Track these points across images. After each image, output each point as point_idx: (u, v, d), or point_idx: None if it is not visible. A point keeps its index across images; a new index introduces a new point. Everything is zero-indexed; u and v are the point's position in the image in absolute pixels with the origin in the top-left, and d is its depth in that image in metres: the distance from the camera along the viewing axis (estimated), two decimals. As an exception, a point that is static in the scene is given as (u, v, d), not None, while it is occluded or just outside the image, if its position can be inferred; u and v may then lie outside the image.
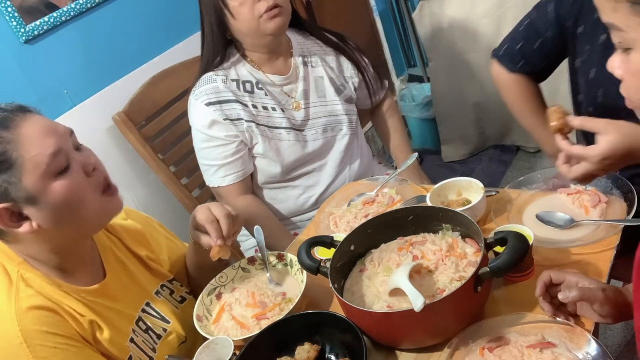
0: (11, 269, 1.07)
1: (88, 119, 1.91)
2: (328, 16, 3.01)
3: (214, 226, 1.22)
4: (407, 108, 3.20)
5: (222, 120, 1.64)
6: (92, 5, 1.94)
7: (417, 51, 3.36)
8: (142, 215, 1.41)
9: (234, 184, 1.71)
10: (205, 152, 1.70)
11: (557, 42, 1.42)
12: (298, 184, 1.79)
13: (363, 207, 1.50)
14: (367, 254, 1.26)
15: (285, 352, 1.13)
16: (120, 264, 1.24)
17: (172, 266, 1.38)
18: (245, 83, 1.69)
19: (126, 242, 1.29)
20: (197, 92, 1.66)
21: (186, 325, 1.28)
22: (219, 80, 1.65)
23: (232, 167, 1.69)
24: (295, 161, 1.74)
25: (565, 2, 1.36)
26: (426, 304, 0.96)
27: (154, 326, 1.23)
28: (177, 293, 1.33)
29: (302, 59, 1.75)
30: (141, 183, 2.06)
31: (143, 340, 1.19)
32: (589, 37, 1.34)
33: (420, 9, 2.84)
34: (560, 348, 0.95)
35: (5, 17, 1.73)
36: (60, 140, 1.04)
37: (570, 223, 1.21)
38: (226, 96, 1.65)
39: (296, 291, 1.27)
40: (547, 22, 1.41)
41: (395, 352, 1.09)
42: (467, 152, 3.11)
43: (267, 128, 1.69)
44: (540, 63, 1.49)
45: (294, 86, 1.73)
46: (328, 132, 1.76)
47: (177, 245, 1.43)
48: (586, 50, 1.36)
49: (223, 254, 1.23)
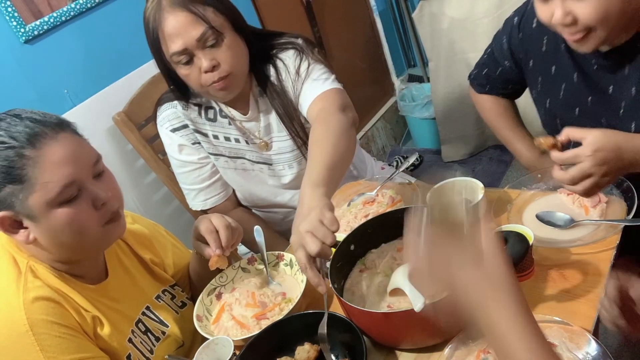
0: (21, 260, 1.10)
1: (88, 119, 1.91)
2: (328, 16, 3.01)
3: (213, 237, 1.24)
4: (407, 108, 3.20)
5: (190, 144, 1.60)
6: (92, 5, 1.94)
7: (417, 51, 3.37)
8: (148, 221, 1.42)
9: (218, 205, 1.68)
10: (182, 177, 1.66)
11: (516, 71, 1.47)
12: (277, 210, 1.75)
13: (363, 207, 1.50)
14: (367, 254, 1.26)
15: (285, 352, 1.13)
16: (123, 267, 1.25)
17: (176, 272, 1.39)
18: (208, 109, 1.59)
19: (132, 246, 1.30)
20: (160, 118, 1.61)
21: (185, 330, 1.29)
22: (179, 107, 1.57)
23: (212, 189, 1.66)
24: (267, 193, 1.68)
25: (515, 37, 1.41)
26: (426, 304, 0.96)
27: (153, 329, 1.24)
28: (178, 298, 1.34)
29: (260, 92, 1.56)
30: (141, 183, 2.06)
31: (141, 341, 1.20)
32: (540, 69, 1.38)
33: (420, 9, 2.84)
34: (560, 348, 0.95)
35: (5, 17, 1.73)
36: (77, 172, 1.04)
37: (570, 223, 1.21)
38: (185, 123, 1.58)
39: (296, 291, 1.27)
40: (503, 53, 1.46)
41: (395, 352, 1.09)
42: (467, 152, 3.11)
43: (230, 159, 1.62)
44: (504, 86, 1.56)
45: (256, 124, 1.59)
46: (303, 164, 1.60)
47: (182, 251, 1.44)
48: (539, 82, 1.40)
49: (221, 264, 1.25)
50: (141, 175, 2.05)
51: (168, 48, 1.40)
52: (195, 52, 1.39)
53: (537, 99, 1.45)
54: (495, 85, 1.56)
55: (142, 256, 1.30)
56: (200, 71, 1.40)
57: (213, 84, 1.42)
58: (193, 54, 1.39)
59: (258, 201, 1.71)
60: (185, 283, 1.42)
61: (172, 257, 1.39)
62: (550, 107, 1.39)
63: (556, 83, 1.35)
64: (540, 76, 1.39)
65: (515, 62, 1.45)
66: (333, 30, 3.03)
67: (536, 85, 1.42)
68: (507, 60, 1.46)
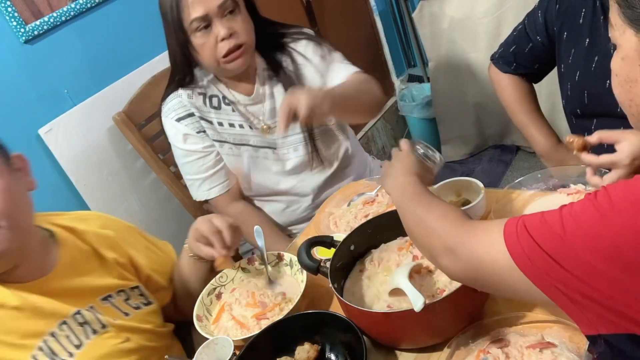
0: None
1: (88, 119, 1.91)
2: (328, 16, 3.01)
3: (217, 237, 1.24)
4: (407, 108, 3.20)
5: (195, 133, 1.62)
6: (92, 5, 1.94)
7: (417, 51, 3.36)
8: (122, 224, 1.39)
9: (221, 195, 1.69)
10: (186, 167, 1.68)
11: (547, 48, 1.48)
12: (279, 199, 1.76)
13: (363, 207, 1.50)
14: (367, 254, 1.26)
15: (285, 352, 1.13)
16: (74, 266, 1.21)
17: (148, 273, 1.35)
18: (212, 97, 1.64)
19: (96, 247, 1.26)
20: (165, 109, 1.64)
21: (129, 329, 1.24)
22: (184, 95, 1.62)
23: (216, 178, 1.67)
24: (270, 181, 1.70)
25: (551, 9, 1.43)
26: (426, 304, 0.96)
27: (91, 322, 1.19)
28: (133, 300, 1.29)
29: (267, 74, 1.65)
30: (141, 183, 2.06)
31: (67, 335, 1.16)
32: (574, 41, 1.39)
33: (420, 9, 2.84)
34: (560, 348, 0.95)
35: (5, 17, 1.73)
36: None
37: (571, 223, 1.21)
38: (191, 111, 1.62)
39: (296, 291, 1.27)
40: (537, 28, 1.48)
41: (395, 352, 1.09)
42: (467, 152, 3.11)
43: (234, 146, 1.65)
44: (531, 65, 1.56)
45: (260, 107, 1.66)
46: (308, 147, 1.66)
47: (157, 254, 1.41)
48: (572, 54, 1.41)
49: (228, 264, 1.26)
50: (141, 176, 2.05)
51: (189, 14, 1.47)
52: (214, 19, 1.48)
53: (565, 73, 1.44)
54: (522, 64, 1.56)
55: (106, 256, 1.27)
56: (216, 40, 1.49)
57: (228, 54, 1.50)
58: (212, 21, 1.48)
59: (260, 189, 1.73)
60: (158, 286, 1.37)
61: (144, 259, 1.35)
62: (579, 79, 1.39)
63: (589, 55, 1.35)
64: (574, 48, 1.39)
65: (548, 37, 1.45)
66: (333, 30, 3.03)
67: (567, 58, 1.41)
68: (539, 36, 1.46)
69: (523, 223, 0.74)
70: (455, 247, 0.83)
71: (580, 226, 0.69)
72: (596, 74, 1.34)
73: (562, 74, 1.46)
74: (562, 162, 1.51)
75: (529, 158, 2.97)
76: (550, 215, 0.73)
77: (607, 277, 0.66)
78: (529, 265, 0.72)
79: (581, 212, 0.70)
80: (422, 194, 0.98)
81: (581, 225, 0.69)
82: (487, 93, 2.76)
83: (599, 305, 0.68)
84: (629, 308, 0.67)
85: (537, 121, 1.57)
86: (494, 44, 1.68)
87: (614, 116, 1.20)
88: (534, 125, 1.57)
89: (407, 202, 0.98)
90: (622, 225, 0.65)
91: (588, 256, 0.67)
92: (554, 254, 0.70)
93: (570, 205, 0.72)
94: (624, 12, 0.73)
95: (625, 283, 0.66)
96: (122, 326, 1.23)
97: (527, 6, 1.57)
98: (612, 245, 0.66)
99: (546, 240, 0.71)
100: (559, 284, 0.70)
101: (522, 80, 1.59)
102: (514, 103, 1.60)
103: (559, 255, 0.69)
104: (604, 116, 1.18)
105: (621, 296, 0.66)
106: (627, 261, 0.65)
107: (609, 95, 1.24)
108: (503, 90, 1.62)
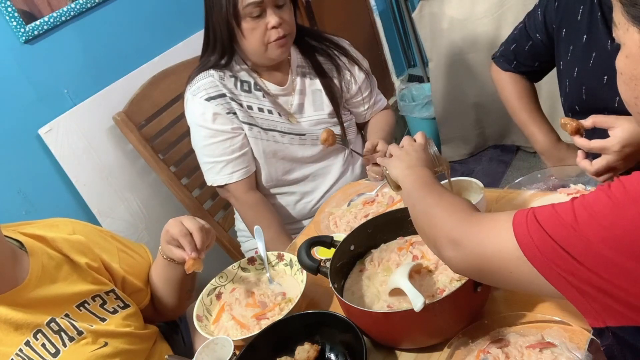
0: None
1: (88, 119, 1.91)
2: (328, 16, 3.01)
3: (187, 239, 1.22)
4: (407, 108, 3.20)
5: (224, 113, 1.63)
6: (92, 5, 1.94)
7: (417, 51, 3.37)
8: (91, 227, 1.37)
9: (242, 180, 1.69)
10: (210, 148, 1.66)
11: (547, 45, 1.49)
12: (295, 190, 1.78)
13: (363, 207, 1.50)
14: (367, 254, 1.26)
15: (285, 352, 1.13)
16: (48, 274, 1.20)
17: (123, 276, 1.33)
18: (243, 82, 1.68)
19: (67, 253, 1.25)
20: (193, 88, 1.65)
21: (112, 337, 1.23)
22: (216, 76, 1.64)
23: (240, 162, 1.67)
24: (291, 167, 1.74)
25: (550, 7, 1.44)
26: (426, 304, 0.96)
27: (67, 329, 1.18)
28: (109, 304, 1.27)
29: (301, 71, 1.74)
30: (141, 183, 2.06)
31: (42, 343, 1.15)
32: (572, 38, 1.40)
33: (420, 9, 2.84)
34: (560, 348, 0.95)
35: (5, 17, 1.73)
36: None
37: (571, 223, 1.21)
38: (223, 92, 1.64)
39: (296, 291, 1.27)
40: (537, 26, 1.49)
41: (395, 352, 1.09)
42: (467, 152, 3.11)
43: (262, 130, 1.67)
44: (532, 63, 1.57)
45: (289, 98, 1.72)
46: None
47: (131, 256, 1.39)
48: (570, 51, 1.41)
49: (197, 267, 1.22)
50: (141, 175, 2.05)
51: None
52: (267, 8, 1.56)
53: (563, 70, 1.45)
54: (522, 62, 1.57)
55: (77, 261, 1.25)
56: (266, 27, 1.58)
57: (277, 40, 1.59)
58: (265, 9, 1.56)
59: (280, 177, 1.75)
60: (134, 288, 1.35)
61: (118, 262, 1.33)
62: (578, 75, 1.40)
63: (587, 52, 1.35)
64: (572, 45, 1.40)
65: (547, 35, 1.46)
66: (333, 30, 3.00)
67: (566, 54, 1.42)
68: (539, 34, 1.48)
69: (533, 214, 0.74)
70: (460, 238, 0.83)
71: (593, 216, 0.68)
72: (594, 70, 1.35)
73: (560, 71, 1.47)
74: (562, 160, 1.51)
75: (529, 158, 2.97)
76: (561, 206, 0.73)
77: (619, 268, 0.66)
78: (537, 255, 0.72)
79: (594, 202, 0.70)
80: (435, 185, 0.99)
81: (594, 215, 0.68)
82: (487, 93, 2.76)
83: (608, 297, 0.68)
84: (639, 299, 0.66)
85: (537, 119, 1.58)
86: (494, 44, 1.68)
87: (611, 111, 1.20)
88: (534, 123, 1.57)
89: (419, 191, 0.99)
90: (637, 214, 0.65)
91: (600, 246, 0.67)
92: (565, 244, 0.69)
93: (582, 196, 0.72)
94: (628, 10, 0.73)
95: (637, 273, 0.65)
96: (99, 331, 1.21)
97: (527, 6, 1.57)
98: (625, 235, 0.65)
99: (557, 230, 0.71)
100: (568, 275, 0.70)
101: (522, 79, 1.60)
102: (514, 101, 1.60)
103: (570, 246, 0.69)
104: (602, 112, 1.18)
105: (632, 287, 0.66)
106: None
107: (606, 91, 1.25)
108: (503, 88, 1.62)
